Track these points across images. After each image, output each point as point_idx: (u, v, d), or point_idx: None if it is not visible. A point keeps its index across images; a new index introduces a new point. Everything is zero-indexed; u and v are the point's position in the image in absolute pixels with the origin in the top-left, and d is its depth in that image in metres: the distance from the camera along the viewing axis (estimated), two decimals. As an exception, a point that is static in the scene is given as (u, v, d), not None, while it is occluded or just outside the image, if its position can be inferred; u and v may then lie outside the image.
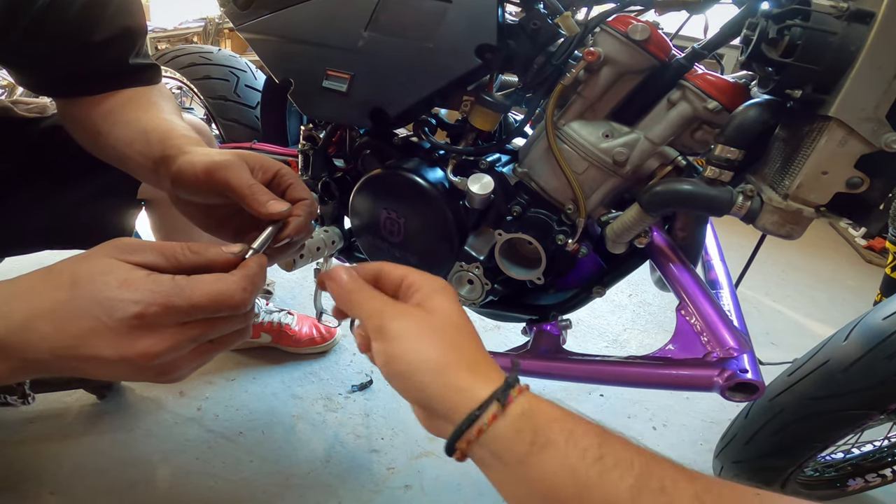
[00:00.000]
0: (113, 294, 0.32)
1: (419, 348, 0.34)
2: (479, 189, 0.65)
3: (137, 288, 0.32)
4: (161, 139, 0.53)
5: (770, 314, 1.87)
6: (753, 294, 1.99)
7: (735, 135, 0.54)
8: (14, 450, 1.01)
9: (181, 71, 1.23)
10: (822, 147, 0.49)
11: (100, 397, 1.12)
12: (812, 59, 0.48)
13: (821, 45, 0.47)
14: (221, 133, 1.20)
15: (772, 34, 0.50)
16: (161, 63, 1.26)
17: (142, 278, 0.33)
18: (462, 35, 0.63)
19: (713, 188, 0.56)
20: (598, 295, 0.73)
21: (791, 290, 2.08)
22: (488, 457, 0.33)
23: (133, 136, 0.56)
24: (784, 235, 0.55)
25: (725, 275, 0.83)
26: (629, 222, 0.61)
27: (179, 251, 0.35)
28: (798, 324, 1.84)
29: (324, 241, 0.76)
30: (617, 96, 0.62)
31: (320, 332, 1.30)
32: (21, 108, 0.75)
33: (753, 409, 0.92)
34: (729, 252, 0.88)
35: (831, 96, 0.48)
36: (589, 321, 1.58)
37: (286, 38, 0.75)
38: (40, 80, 0.65)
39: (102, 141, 0.60)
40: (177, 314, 0.33)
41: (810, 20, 0.47)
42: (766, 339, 1.71)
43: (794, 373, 0.86)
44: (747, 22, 0.54)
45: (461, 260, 0.70)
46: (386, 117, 0.68)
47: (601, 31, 0.60)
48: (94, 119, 0.62)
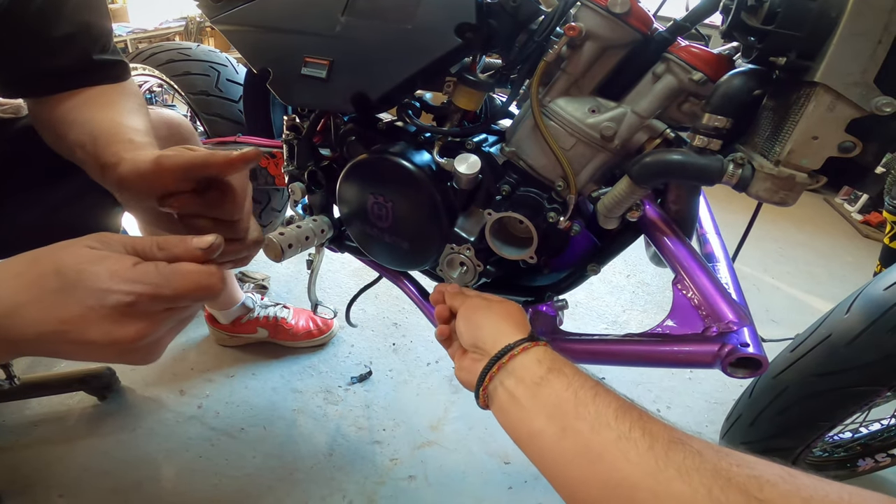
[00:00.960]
0: (105, 284, 0.34)
1: (493, 318, 0.54)
2: (466, 169, 0.64)
3: (127, 278, 0.35)
4: (106, 143, 0.52)
5: (769, 291, 1.86)
6: (752, 272, 1.99)
7: (721, 102, 0.54)
8: (20, 453, 1.01)
9: (160, 68, 1.22)
10: (811, 112, 0.48)
11: (101, 398, 1.12)
12: (793, 26, 0.47)
13: (801, 11, 0.47)
14: (206, 129, 1.19)
15: (750, 2, 0.49)
16: (138, 61, 1.25)
17: (129, 268, 0.35)
18: (440, 15, 0.62)
19: (703, 157, 0.55)
20: (593, 273, 0.72)
21: (790, 267, 2.08)
22: (511, 383, 0.46)
23: (85, 138, 0.55)
24: (778, 202, 0.54)
25: (721, 248, 0.82)
26: (620, 195, 0.61)
27: (149, 248, 0.38)
28: (798, 300, 1.84)
29: (312, 231, 0.75)
30: (601, 71, 0.61)
31: (317, 325, 1.29)
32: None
33: (757, 388, 0.91)
34: (725, 229, 0.87)
35: (816, 62, 0.47)
36: (587, 303, 1.58)
37: (262, 27, 0.73)
38: (4, 78, 0.64)
39: (62, 143, 0.60)
40: (164, 302, 0.36)
41: None
42: (767, 315, 1.71)
43: (796, 349, 0.85)
44: None
45: (452, 242, 0.69)
46: (368, 102, 0.66)
47: (581, 5, 0.59)
48: (56, 119, 0.62)
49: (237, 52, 0.79)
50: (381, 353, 1.31)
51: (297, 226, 0.75)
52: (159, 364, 1.22)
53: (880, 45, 0.45)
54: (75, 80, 0.63)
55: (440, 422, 1.12)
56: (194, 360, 1.24)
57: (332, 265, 1.61)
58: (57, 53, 0.61)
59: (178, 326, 0.40)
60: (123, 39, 3.64)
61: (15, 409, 1.10)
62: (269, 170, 1.03)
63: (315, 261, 0.90)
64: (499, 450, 1.08)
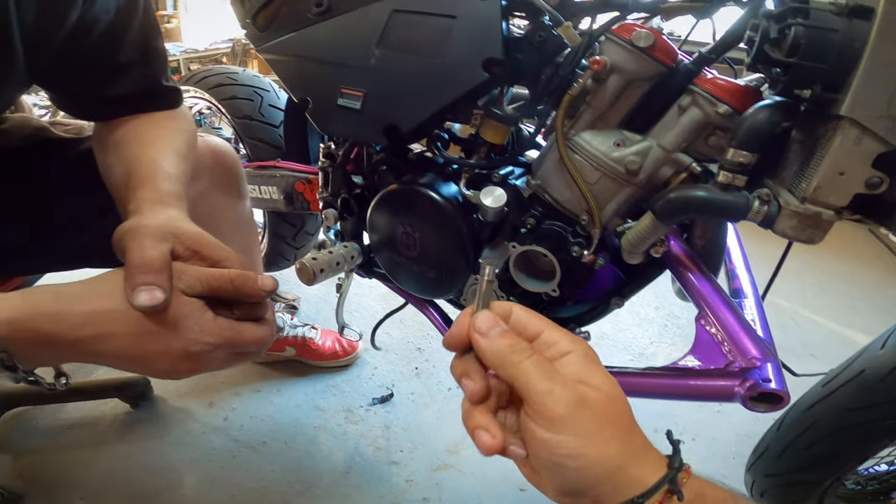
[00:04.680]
0: (194, 336, 0.42)
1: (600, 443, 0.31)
2: (492, 202, 0.65)
3: (212, 332, 0.42)
4: (136, 185, 0.55)
5: (808, 325, 1.79)
6: (790, 305, 1.91)
7: (746, 137, 0.53)
8: (48, 455, 1.06)
9: (210, 91, 1.28)
10: (837, 147, 0.47)
11: (133, 406, 1.17)
12: (817, 58, 0.46)
13: (824, 43, 0.46)
14: (248, 152, 1.24)
15: (773, 34, 0.49)
16: (191, 84, 1.31)
17: (211, 322, 0.42)
18: (468, 49, 0.64)
19: (728, 193, 0.54)
20: (617, 306, 0.71)
21: (830, 301, 1.99)
22: None
23: (121, 179, 0.58)
24: (804, 240, 0.53)
25: (750, 283, 0.80)
26: (644, 232, 0.60)
27: (224, 284, 0.44)
28: (838, 334, 1.76)
29: (343, 257, 0.78)
30: (627, 104, 0.62)
31: (343, 346, 1.32)
32: (59, 129, 0.77)
33: (786, 421, 0.88)
34: (759, 262, 0.85)
35: (841, 95, 0.47)
36: (613, 334, 1.55)
37: (303, 57, 0.77)
38: (69, 99, 0.67)
39: (108, 173, 0.62)
40: (230, 349, 0.44)
41: (810, 18, 0.46)
42: (804, 350, 1.64)
43: (828, 383, 0.83)
44: (750, 23, 0.54)
45: (477, 273, 0.70)
46: (399, 133, 0.69)
47: (606, 39, 0.60)
48: (109, 146, 0.64)
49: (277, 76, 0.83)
50: (403, 376, 1.32)
51: (329, 251, 0.77)
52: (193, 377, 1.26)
53: (906, 77, 0.44)
54: (132, 106, 0.65)
55: (458, 446, 1.11)
56: (224, 374, 1.28)
57: (360, 289, 1.64)
58: (117, 79, 0.64)
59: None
60: (177, 59, 3.84)
61: (50, 413, 1.15)
62: (304, 195, 1.06)
63: (344, 285, 0.93)
64: (515, 476, 1.05)
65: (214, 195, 0.79)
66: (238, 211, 0.85)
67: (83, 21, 0.59)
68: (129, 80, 0.64)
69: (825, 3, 0.47)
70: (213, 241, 0.47)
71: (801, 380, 0.70)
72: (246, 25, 0.84)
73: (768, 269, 0.79)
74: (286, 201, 1.09)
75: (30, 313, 0.39)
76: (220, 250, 0.47)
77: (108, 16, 0.61)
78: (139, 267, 0.42)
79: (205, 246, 0.46)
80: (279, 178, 1.08)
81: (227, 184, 0.82)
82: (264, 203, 1.14)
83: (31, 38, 0.56)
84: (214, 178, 0.78)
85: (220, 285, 0.44)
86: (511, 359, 0.33)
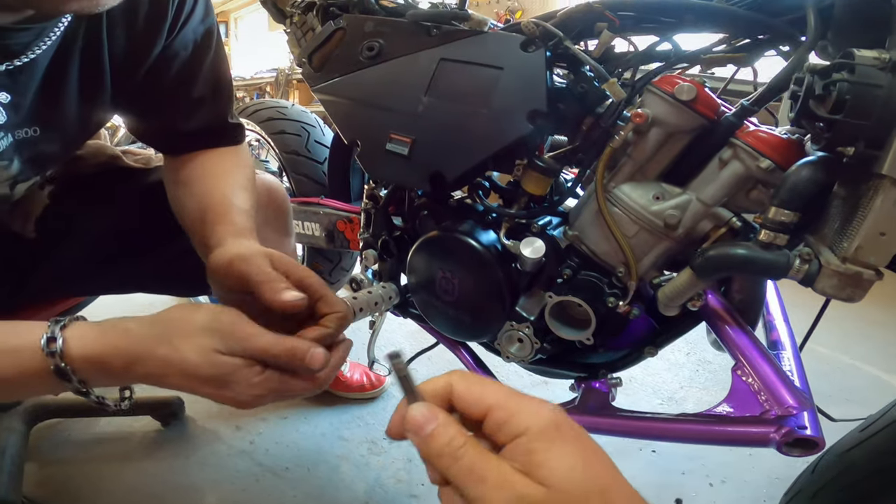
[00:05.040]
0: (242, 390, 0.46)
1: None
2: (531, 253, 0.66)
3: (258, 387, 0.46)
4: (213, 222, 0.59)
5: (848, 371, 1.74)
6: (830, 352, 1.87)
7: (789, 197, 0.52)
8: (76, 467, 1.09)
9: (260, 125, 1.33)
10: (879, 207, 0.47)
11: (164, 424, 1.20)
12: (861, 115, 0.45)
13: (869, 100, 0.45)
14: (293, 187, 1.29)
15: (818, 90, 0.48)
16: (244, 116, 1.37)
17: (257, 378, 0.46)
18: (514, 101, 0.66)
19: (768, 252, 0.54)
20: (650, 355, 0.71)
21: (872, 348, 1.94)
22: None
23: (196, 214, 0.62)
24: (845, 299, 0.52)
25: (788, 335, 0.80)
26: (682, 287, 0.60)
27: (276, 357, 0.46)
28: (878, 380, 1.71)
29: (381, 297, 0.80)
30: (667, 157, 0.62)
31: (370, 380, 1.34)
32: (130, 159, 0.82)
33: (821, 464, 0.86)
34: (797, 311, 0.84)
35: (884, 152, 0.46)
36: (642, 378, 1.53)
37: (354, 100, 0.79)
38: (147, 130, 0.71)
39: (180, 208, 0.65)
40: (278, 398, 0.48)
41: (856, 73, 0.46)
42: (844, 396, 1.60)
43: (866, 428, 0.81)
44: (794, 77, 0.53)
45: (512, 319, 0.71)
46: (444, 181, 0.71)
47: (647, 91, 0.60)
48: (180, 181, 0.67)
49: (320, 107, 0.85)
50: (429, 410, 1.33)
51: (368, 291, 0.79)
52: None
53: (947, 135, 0.43)
54: (202, 141, 0.69)
55: (480, 484, 1.10)
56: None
57: (390, 325, 1.66)
58: (190, 114, 0.68)
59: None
60: None
61: (84, 426, 1.20)
62: (345, 234, 1.09)
63: (378, 322, 0.95)
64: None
65: (266, 231, 0.83)
66: (284, 247, 0.88)
67: (165, 54, 0.63)
68: (200, 116, 0.68)
69: (869, 57, 0.47)
70: (294, 262, 0.52)
71: (838, 425, 0.68)
72: (302, 64, 0.87)
73: (807, 317, 0.78)
74: (327, 239, 1.12)
75: (104, 350, 0.44)
76: (302, 270, 0.51)
77: (186, 52, 0.65)
78: (272, 278, 0.48)
79: (290, 266, 0.51)
80: (322, 216, 1.11)
81: (276, 220, 0.85)
82: (306, 239, 1.18)
83: (119, 68, 0.61)
84: (267, 214, 0.82)
85: (265, 357, 0.46)
86: (443, 462, 0.28)
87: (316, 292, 0.50)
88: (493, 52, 0.70)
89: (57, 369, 0.43)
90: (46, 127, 0.60)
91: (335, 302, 0.51)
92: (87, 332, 0.44)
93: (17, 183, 0.65)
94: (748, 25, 0.61)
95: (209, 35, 0.68)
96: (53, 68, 0.57)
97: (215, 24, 0.70)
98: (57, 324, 0.44)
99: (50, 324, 0.44)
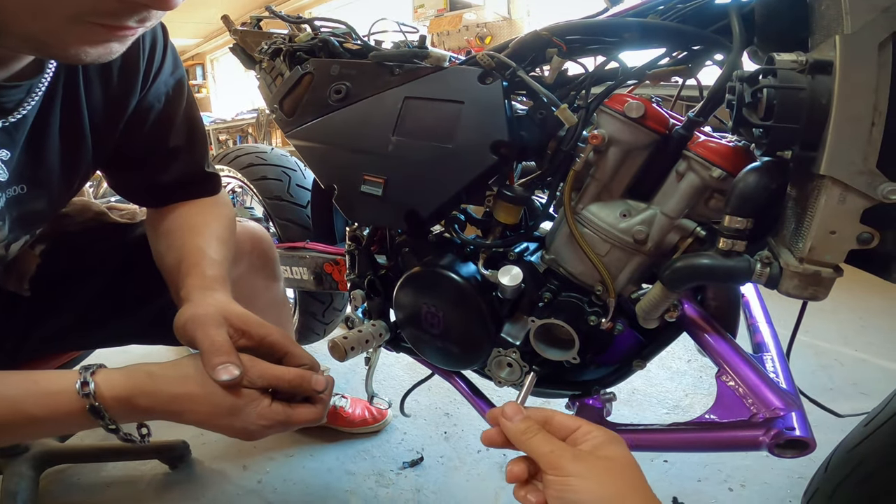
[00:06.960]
0: (252, 419, 0.51)
1: (601, 487, 0.40)
2: (509, 281, 0.67)
3: (266, 417, 0.51)
4: (186, 273, 0.61)
5: (854, 364, 1.72)
6: (831, 346, 1.85)
7: (738, 204, 0.53)
8: None
9: (241, 171, 1.36)
10: (824, 206, 0.47)
11: (172, 468, 1.21)
12: (790, 118, 0.46)
13: (794, 103, 0.45)
14: (279, 232, 1.31)
15: (748, 97, 0.49)
16: (224, 163, 1.39)
17: (267, 409, 0.51)
18: (477, 134, 0.67)
19: (730, 259, 0.55)
20: (639, 367, 0.72)
21: (873, 337, 1.92)
22: None
23: (173, 266, 0.64)
24: (809, 297, 0.53)
25: (772, 336, 0.80)
26: (655, 300, 0.61)
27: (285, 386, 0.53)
28: (887, 370, 1.69)
29: (371, 335, 0.81)
30: (628, 174, 0.63)
31: (372, 414, 1.35)
32: (115, 214, 0.84)
33: (833, 463, 0.86)
34: (784, 311, 0.85)
35: (819, 153, 0.46)
36: (645, 389, 1.53)
37: (327, 144, 0.81)
38: (127, 185, 0.72)
39: (161, 261, 0.68)
40: (283, 428, 0.53)
41: (777, 78, 0.46)
42: (854, 389, 1.58)
43: (869, 423, 0.81)
44: (727, 86, 0.54)
45: (499, 346, 0.72)
46: (419, 218, 0.72)
47: (601, 112, 0.62)
48: (160, 233, 0.69)
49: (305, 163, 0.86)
50: (432, 440, 1.32)
51: (359, 330, 0.81)
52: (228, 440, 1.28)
53: (874, 128, 0.43)
54: (180, 193, 0.71)
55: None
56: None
57: (388, 359, 1.67)
58: (168, 165, 0.69)
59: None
60: (207, 129, 4.06)
61: (92, 470, 1.20)
62: (333, 276, 1.12)
63: (372, 358, 0.96)
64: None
65: (252, 278, 0.85)
66: (273, 292, 0.90)
67: (139, 107, 0.65)
68: (177, 166, 0.70)
69: (788, 60, 0.47)
70: (256, 320, 0.55)
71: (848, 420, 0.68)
72: (273, 110, 0.89)
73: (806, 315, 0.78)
74: (316, 281, 1.14)
75: (132, 392, 0.50)
76: (263, 328, 0.55)
77: (160, 104, 0.67)
78: (213, 352, 0.50)
79: (251, 325, 0.55)
80: (309, 260, 1.13)
81: (263, 267, 0.87)
82: (296, 283, 1.20)
83: (98, 123, 0.62)
84: (252, 262, 0.84)
85: (279, 384, 0.52)
86: (525, 436, 0.46)
87: (281, 349, 0.55)
88: (453, 87, 0.72)
89: (91, 409, 0.49)
90: (33, 184, 0.61)
91: (301, 356, 0.56)
92: (113, 376, 0.51)
93: (10, 244, 0.66)
94: (681, 38, 0.63)
95: (180, 86, 0.70)
96: (37, 124, 0.58)
97: (185, 76, 0.72)
98: (87, 370, 0.50)
99: (80, 370, 0.50)
